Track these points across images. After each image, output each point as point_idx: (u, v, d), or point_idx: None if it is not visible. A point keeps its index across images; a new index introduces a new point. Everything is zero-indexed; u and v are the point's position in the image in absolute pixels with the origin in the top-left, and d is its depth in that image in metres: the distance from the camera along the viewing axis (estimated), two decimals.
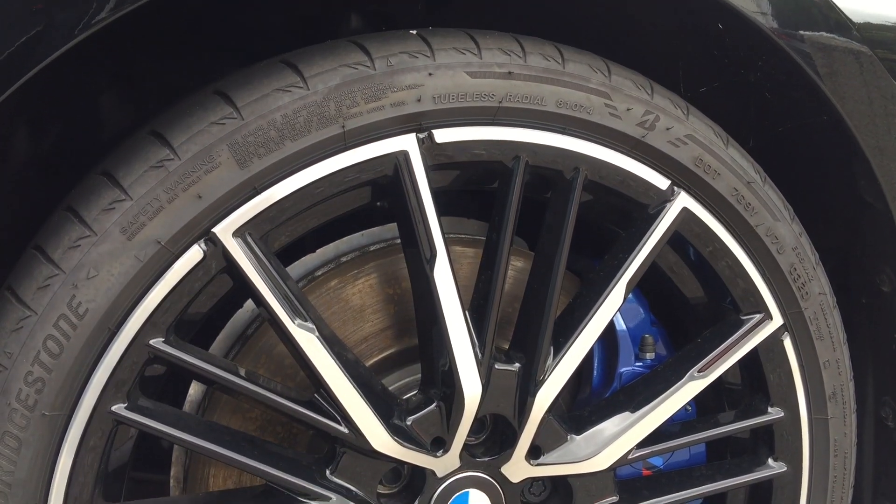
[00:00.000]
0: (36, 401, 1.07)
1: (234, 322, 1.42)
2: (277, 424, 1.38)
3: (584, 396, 1.49)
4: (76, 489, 1.12)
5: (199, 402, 1.39)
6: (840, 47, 1.36)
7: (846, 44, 1.37)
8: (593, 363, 1.47)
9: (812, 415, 1.47)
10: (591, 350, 1.46)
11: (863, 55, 1.37)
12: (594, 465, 1.35)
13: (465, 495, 1.33)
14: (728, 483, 1.47)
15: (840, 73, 1.36)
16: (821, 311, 1.45)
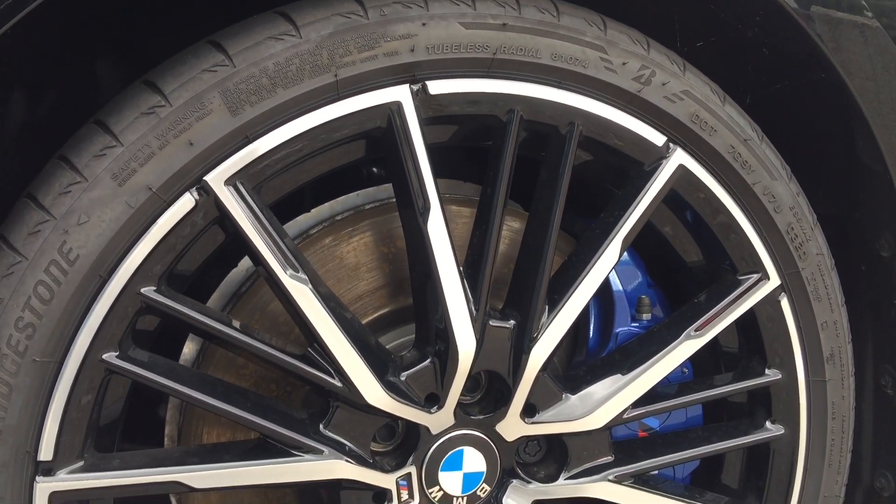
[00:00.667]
0: (27, 347, 1.07)
1: (228, 282, 1.42)
2: (271, 382, 1.37)
3: (580, 359, 1.48)
4: (67, 437, 1.11)
5: (192, 360, 1.39)
6: (840, 2, 1.35)
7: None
8: (589, 325, 1.46)
9: (810, 377, 1.46)
10: (586, 310, 1.46)
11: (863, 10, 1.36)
12: (589, 423, 1.35)
13: (459, 453, 1.33)
14: (725, 445, 1.46)
15: (840, 30, 1.35)
16: (818, 272, 1.44)
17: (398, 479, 1.30)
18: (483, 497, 1.35)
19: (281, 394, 1.38)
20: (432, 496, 1.32)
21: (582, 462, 1.38)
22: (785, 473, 1.49)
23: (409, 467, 1.30)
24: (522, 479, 1.37)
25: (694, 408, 1.51)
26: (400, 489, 1.30)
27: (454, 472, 1.33)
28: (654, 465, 1.42)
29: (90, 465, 1.14)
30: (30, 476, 1.10)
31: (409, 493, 1.31)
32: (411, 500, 1.31)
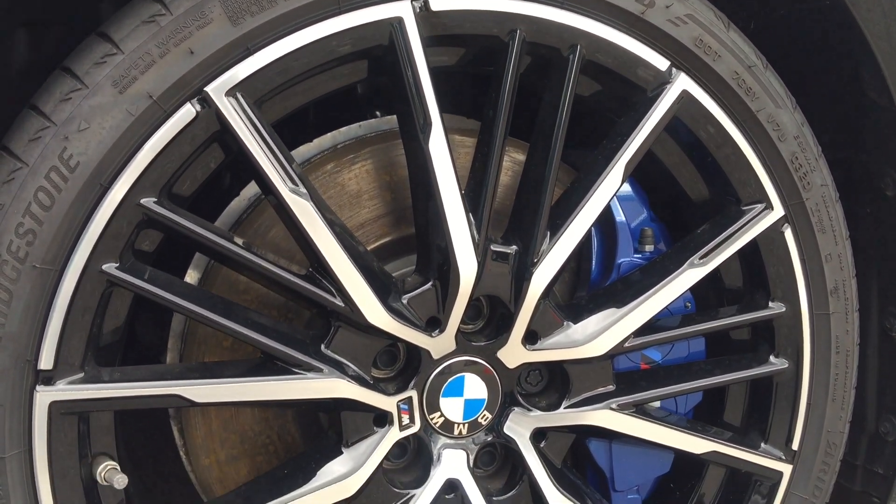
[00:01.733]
0: (27, 253, 1.07)
1: (230, 211, 1.41)
2: (272, 308, 1.37)
3: (582, 293, 1.47)
4: (68, 348, 1.11)
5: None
6: None
7: None
8: (591, 257, 1.45)
9: (813, 310, 1.45)
10: (589, 242, 1.46)
11: None
12: (590, 350, 1.34)
13: (460, 380, 1.32)
14: (728, 377, 1.46)
15: None
16: (823, 203, 1.43)
17: (399, 403, 1.29)
18: (484, 424, 1.35)
19: (282, 320, 1.38)
20: (433, 422, 1.32)
21: (583, 390, 1.38)
22: (788, 408, 1.48)
23: (411, 391, 1.30)
24: (524, 407, 1.37)
25: (696, 343, 1.50)
26: (401, 413, 1.30)
27: (455, 399, 1.33)
28: (657, 396, 1.42)
29: (90, 376, 1.14)
30: (30, 385, 1.10)
31: (409, 418, 1.31)
32: (412, 425, 1.31)
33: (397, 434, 1.30)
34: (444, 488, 1.33)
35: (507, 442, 1.36)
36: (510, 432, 1.36)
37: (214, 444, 1.37)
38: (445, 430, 1.33)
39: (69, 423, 1.14)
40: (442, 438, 1.34)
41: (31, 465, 1.11)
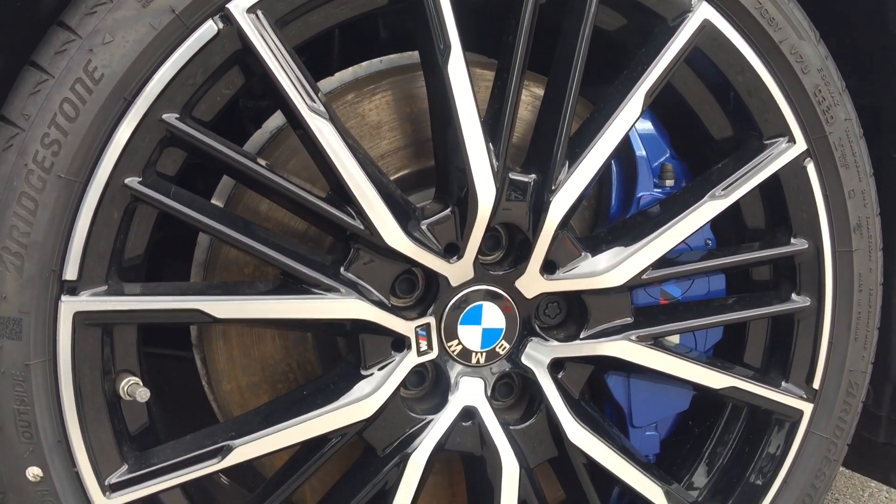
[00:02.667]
0: (52, 163, 1.09)
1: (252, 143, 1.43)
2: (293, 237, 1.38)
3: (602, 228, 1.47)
4: (92, 261, 1.13)
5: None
6: None
7: None
8: (611, 192, 1.45)
9: (836, 246, 1.44)
10: (608, 176, 1.46)
11: None
12: (608, 280, 1.34)
13: (478, 308, 1.33)
14: (749, 313, 1.45)
15: None
16: (846, 138, 1.41)
17: (417, 329, 1.30)
18: (502, 354, 1.36)
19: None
20: (451, 349, 1.33)
21: (601, 322, 1.38)
22: (809, 347, 1.47)
23: (429, 318, 1.31)
24: (541, 338, 1.38)
25: (717, 281, 1.49)
26: (419, 339, 1.31)
27: (473, 327, 1.34)
28: (676, 329, 1.42)
29: (114, 290, 1.16)
30: (55, 294, 1.12)
31: (427, 344, 1.32)
32: (430, 351, 1.32)
33: (415, 359, 1.31)
34: (461, 415, 1.34)
35: (525, 372, 1.37)
36: (528, 362, 1.37)
37: (236, 370, 1.39)
38: (463, 358, 1.34)
39: (93, 336, 1.16)
40: (459, 366, 1.35)
41: (55, 374, 1.14)
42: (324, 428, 1.25)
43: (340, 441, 1.27)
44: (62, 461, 1.15)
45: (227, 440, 1.22)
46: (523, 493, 1.36)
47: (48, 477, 1.14)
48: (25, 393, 1.12)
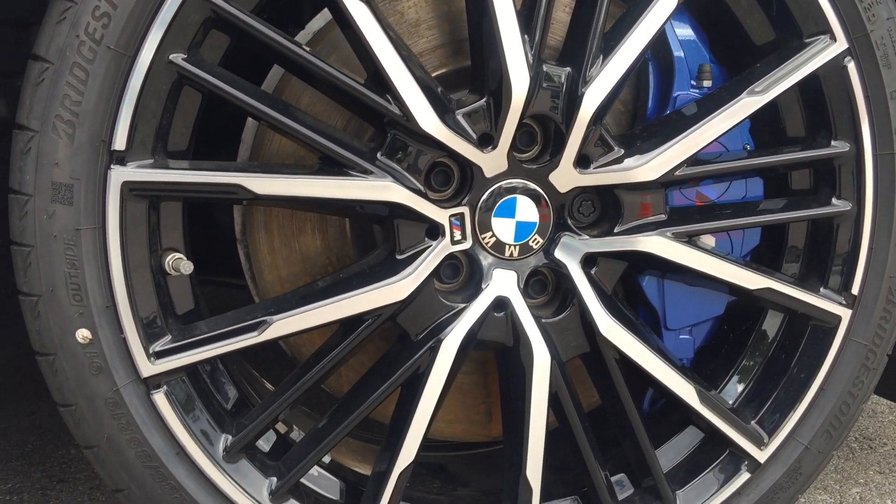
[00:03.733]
0: (102, 35, 1.14)
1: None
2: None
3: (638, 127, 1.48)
4: (140, 133, 1.19)
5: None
6: None
7: None
8: (648, 91, 1.45)
9: (877, 149, 1.42)
10: (646, 79, 1.47)
11: None
12: (641, 174, 1.35)
13: (512, 201, 1.35)
14: (787, 215, 1.45)
15: None
16: (889, 37, 1.40)
17: (451, 218, 1.33)
18: (535, 248, 1.38)
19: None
20: (485, 241, 1.35)
21: (635, 217, 1.39)
22: (849, 252, 1.46)
23: (463, 208, 1.34)
24: (575, 233, 1.39)
25: (754, 187, 1.49)
26: (453, 228, 1.34)
27: (507, 220, 1.36)
28: (711, 228, 1.42)
29: (159, 164, 1.21)
30: (104, 164, 1.18)
31: (461, 234, 1.34)
32: (464, 241, 1.35)
33: (449, 247, 1.34)
34: (493, 305, 1.36)
35: (558, 267, 1.39)
36: (561, 256, 1.38)
37: (277, 260, 1.43)
38: (497, 250, 1.36)
39: (140, 209, 1.22)
40: (493, 258, 1.37)
41: (104, 242, 1.19)
42: (359, 308, 1.29)
43: (374, 323, 1.31)
44: (110, 326, 1.21)
45: (265, 316, 1.27)
46: (555, 385, 1.38)
47: (96, 340, 1.21)
48: (76, 257, 1.18)
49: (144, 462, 1.25)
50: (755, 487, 1.47)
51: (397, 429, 1.36)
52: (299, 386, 1.32)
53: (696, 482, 1.48)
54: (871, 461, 2.19)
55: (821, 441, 1.48)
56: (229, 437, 1.30)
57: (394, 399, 1.40)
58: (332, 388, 1.52)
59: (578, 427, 1.41)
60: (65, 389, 1.22)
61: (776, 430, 1.47)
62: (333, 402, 1.42)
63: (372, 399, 1.33)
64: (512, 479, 1.40)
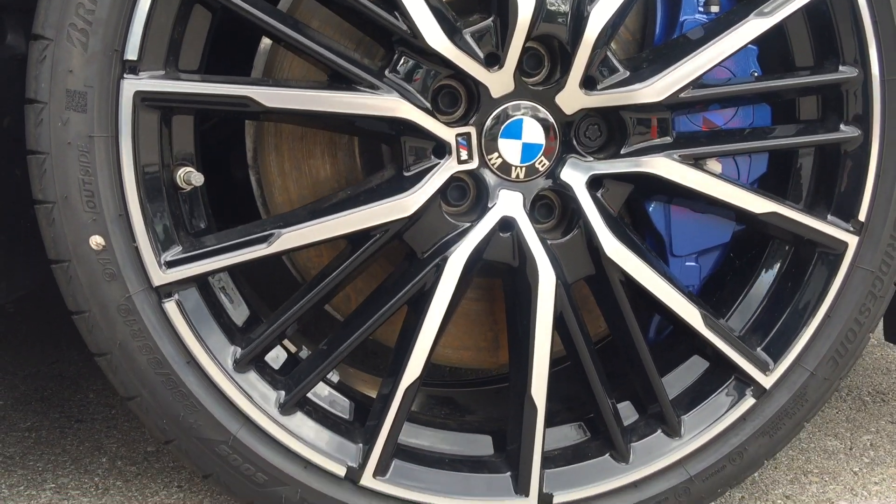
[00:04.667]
0: None
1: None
2: None
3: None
4: (152, 45, 1.22)
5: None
6: None
7: None
8: (656, 17, 1.46)
9: (885, 74, 1.42)
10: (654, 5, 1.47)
11: None
12: (646, 95, 1.36)
13: (518, 122, 1.37)
14: (794, 140, 1.45)
15: None
16: None
17: (458, 137, 1.35)
18: (541, 170, 1.39)
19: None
20: (491, 162, 1.37)
21: (641, 139, 1.40)
22: (856, 178, 1.46)
23: (469, 127, 1.36)
24: (581, 155, 1.41)
25: (762, 114, 1.49)
26: (459, 147, 1.36)
27: (513, 141, 1.37)
28: (718, 151, 1.43)
29: (171, 76, 1.24)
30: (117, 73, 1.20)
31: (468, 154, 1.36)
32: (470, 161, 1.36)
33: (455, 166, 1.35)
34: (499, 224, 1.38)
35: (564, 189, 1.40)
36: (567, 178, 1.40)
37: (288, 182, 1.46)
38: (503, 171, 1.38)
39: (152, 120, 1.25)
40: (499, 180, 1.38)
41: (117, 150, 1.22)
42: (366, 223, 1.31)
43: (381, 238, 1.33)
44: (123, 234, 1.24)
45: (274, 228, 1.30)
46: (560, 306, 1.39)
47: (109, 247, 1.24)
48: (89, 164, 1.21)
49: (156, 369, 1.28)
50: (760, 413, 1.48)
51: (403, 347, 1.38)
52: (306, 301, 1.34)
53: (701, 407, 1.49)
54: (883, 412, 2.19)
55: (827, 368, 1.48)
56: (238, 349, 1.33)
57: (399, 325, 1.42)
58: (341, 311, 1.54)
59: (584, 350, 1.43)
60: (78, 296, 1.25)
61: (781, 356, 1.47)
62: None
63: (378, 315, 1.36)
64: (517, 399, 1.42)
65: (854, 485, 1.79)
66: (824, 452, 1.94)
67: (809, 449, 1.96)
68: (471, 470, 1.44)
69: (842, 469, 1.86)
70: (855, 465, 1.89)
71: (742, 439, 1.47)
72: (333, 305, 1.54)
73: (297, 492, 1.34)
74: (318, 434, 1.37)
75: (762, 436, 1.48)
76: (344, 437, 1.39)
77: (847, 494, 1.75)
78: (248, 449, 1.32)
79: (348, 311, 1.52)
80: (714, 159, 1.46)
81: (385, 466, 1.38)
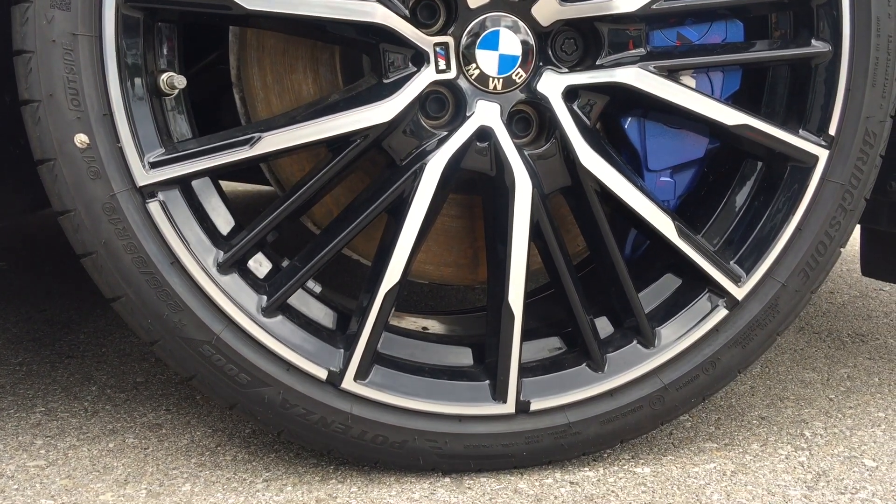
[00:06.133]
0: None
1: None
2: None
3: None
4: None
5: None
6: None
7: None
8: None
9: None
10: None
11: None
12: (621, 5, 1.39)
13: (495, 33, 1.40)
14: (765, 54, 1.48)
15: None
16: None
17: (436, 46, 1.38)
18: (518, 82, 1.42)
19: None
20: (469, 73, 1.40)
21: (616, 51, 1.43)
22: (826, 93, 1.49)
23: (447, 38, 1.39)
24: (556, 67, 1.44)
25: (734, 31, 1.51)
26: (437, 57, 1.39)
27: (491, 52, 1.40)
28: (692, 64, 1.46)
29: None
30: None
31: (446, 63, 1.39)
32: (448, 71, 1.39)
33: (433, 75, 1.38)
34: (476, 133, 1.41)
35: (540, 101, 1.43)
36: (543, 90, 1.43)
37: (270, 96, 1.49)
38: (480, 82, 1.41)
39: (135, 22, 1.28)
40: (477, 90, 1.41)
41: (100, 51, 1.25)
42: (346, 128, 1.34)
43: (361, 144, 1.36)
44: (107, 133, 1.27)
45: (256, 132, 1.33)
46: (536, 215, 1.43)
47: (94, 145, 1.26)
48: (74, 62, 1.24)
49: (140, 268, 1.31)
50: (733, 324, 1.51)
51: (382, 257, 1.41)
52: (286, 206, 1.37)
53: (675, 319, 1.52)
54: (861, 350, 2.23)
55: (798, 280, 1.51)
56: (222, 252, 1.36)
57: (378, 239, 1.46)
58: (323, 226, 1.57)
59: (560, 262, 1.46)
60: (63, 194, 1.28)
61: (753, 268, 1.50)
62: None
63: (357, 222, 1.39)
64: (495, 307, 1.45)
65: (829, 409, 1.83)
66: (801, 383, 1.98)
67: (787, 380, 1.99)
68: (450, 378, 1.48)
69: (818, 396, 1.90)
70: (831, 393, 1.92)
71: (715, 349, 1.51)
72: (316, 221, 1.57)
73: (280, 392, 1.38)
74: (300, 338, 1.40)
75: (734, 346, 1.51)
76: (326, 342, 1.42)
77: (822, 416, 1.78)
78: (232, 349, 1.35)
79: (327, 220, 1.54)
80: (688, 74, 1.49)
81: (366, 371, 1.42)
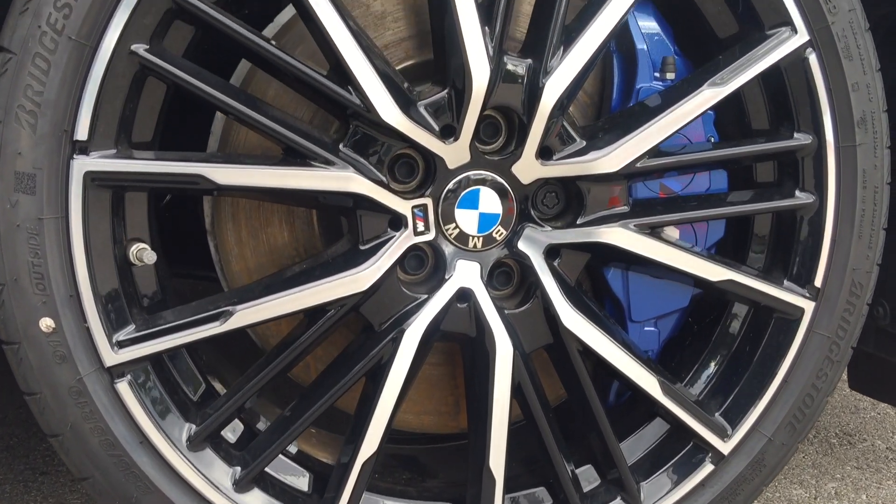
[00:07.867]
0: (63, 25, 1.16)
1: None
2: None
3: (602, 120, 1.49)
4: (102, 124, 1.20)
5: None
6: None
7: None
8: (613, 88, 1.47)
9: (839, 141, 1.44)
10: (610, 72, 1.48)
11: None
12: (603, 165, 1.36)
13: (475, 192, 1.37)
14: (750, 207, 1.46)
15: None
16: (850, 29, 1.41)
17: (414, 209, 1.35)
18: (499, 240, 1.39)
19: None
20: (448, 232, 1.37)
21: (598, 209, 1.40)
22: (812, 245, 1.47)
23: (426, 199, 1.35)
24: (538, 225, 1.41)
25: (718, 179, 1.50)
26: (416, 219, 1.35)
27: (470, 211, 1.37)
28: (674, 219, 1.44)
29: (123, 154, 1.23)
30: (67, 153, 1.19)
31: (424, 225, 1.36)
32: (427, 232, 1.36)
33: (412, 238, 1.35)
34: (456, 296, 1.37)
35: (521, 258, 1.40)
36: (524, 248, 1.40)
37: (245, 251, 1.45)
38: (460, 241, 1.37)
39: (104, 198, 1.24)
40: (457, 250, 1.38)
41: (67, 231, 1.21)
42: (321, 298, 1.30)
43: (338, 313, 1.32)
44: (74, 315, 1.23)
45: (228, 305, 1.29)
46: (517, 376, 1.39)
47: (60, 329, 1.22)
48: (39, 246, 1.20)
49: (108, 451, 1.26)
50: (719, 479, 1.48)
51: (361, 420, 1.37)
52: (264, 374, 1.33)
53: (661, 474, 1.49)
54: (849, 457, 2.20)
55: (784, 433, 1.49)
56: (193, 426, 1.32)
57: (360, 391, 1.41)
58: (301, 379, 1.53)
59: (542, 419, 1.42)
60: (29, 378, 1.23)
61: (739, 422, 1.48)
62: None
63: (336, 388, 1.35)
64: (476, 469, 1.41)
65: None
66: (789, 502, 1.95)
67: (774, 499, 1.97)
68: None
69: None
70: None
71: None
72: (292, 373, 1.53)
73: None
74: None
75: (721, 502, 1.48)
76: None
77: None
78: None
79: (308, 378, 1.50)
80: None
81: None
